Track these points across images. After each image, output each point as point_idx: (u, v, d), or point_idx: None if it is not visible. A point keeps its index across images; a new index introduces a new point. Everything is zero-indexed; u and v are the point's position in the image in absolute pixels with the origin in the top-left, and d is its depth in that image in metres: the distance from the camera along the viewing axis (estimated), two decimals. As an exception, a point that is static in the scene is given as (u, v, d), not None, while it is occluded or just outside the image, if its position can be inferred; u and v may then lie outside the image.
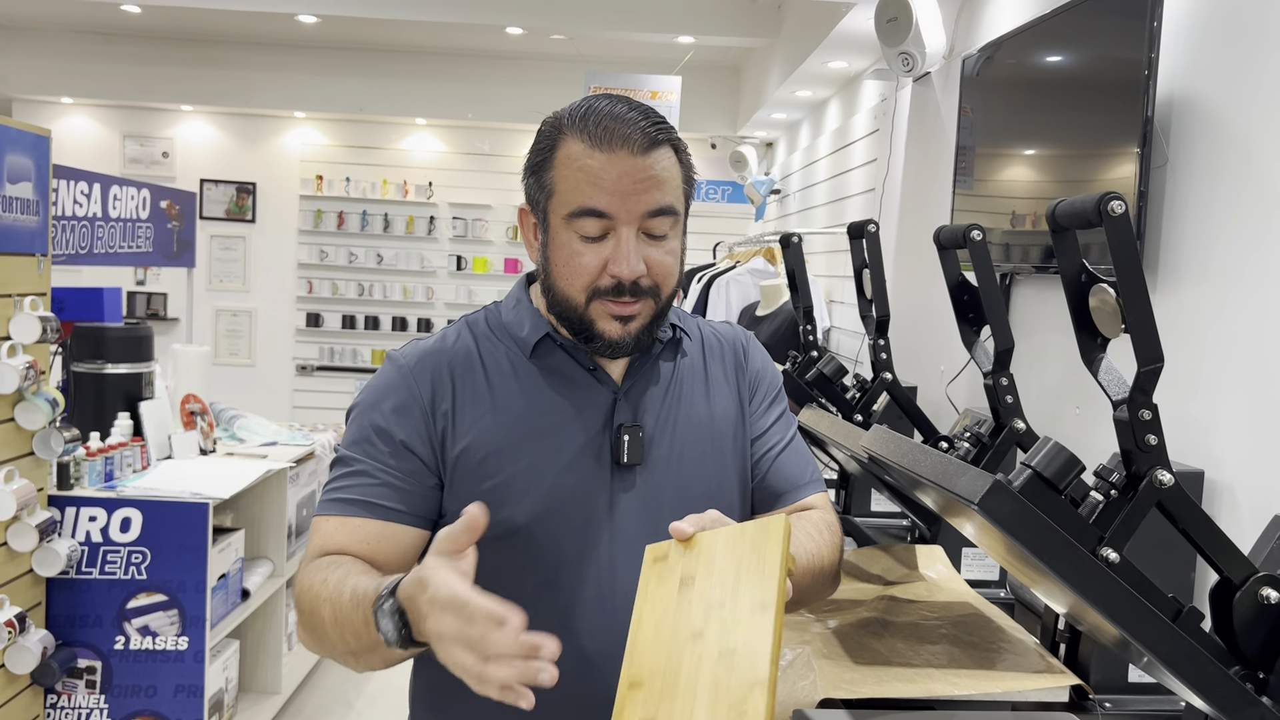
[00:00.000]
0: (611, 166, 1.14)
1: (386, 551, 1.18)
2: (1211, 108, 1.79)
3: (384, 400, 1.22)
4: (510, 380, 1.24)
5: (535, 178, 1.21)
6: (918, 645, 1.66)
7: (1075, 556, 1.03)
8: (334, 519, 1.18)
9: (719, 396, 1.34)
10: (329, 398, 7.95)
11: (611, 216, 1.16)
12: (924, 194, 3.34)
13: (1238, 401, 1.68)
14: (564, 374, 1.25)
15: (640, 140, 1.15)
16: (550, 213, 1.19)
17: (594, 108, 1.18)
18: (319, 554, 1.17)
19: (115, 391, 3.44)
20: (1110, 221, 1.12)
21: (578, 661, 1.19)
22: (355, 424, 1.23)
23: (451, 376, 1.23)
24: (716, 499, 1.27)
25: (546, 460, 1.20)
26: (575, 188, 1.15)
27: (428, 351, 1.25)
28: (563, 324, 1.24)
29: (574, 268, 1.18)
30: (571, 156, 1.16)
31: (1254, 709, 1.11)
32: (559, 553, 1.21)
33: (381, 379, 1.26)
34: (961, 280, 1.75)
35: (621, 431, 1.22)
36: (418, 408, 1.21)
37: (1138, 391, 1.17)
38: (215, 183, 7.97)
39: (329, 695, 4.21)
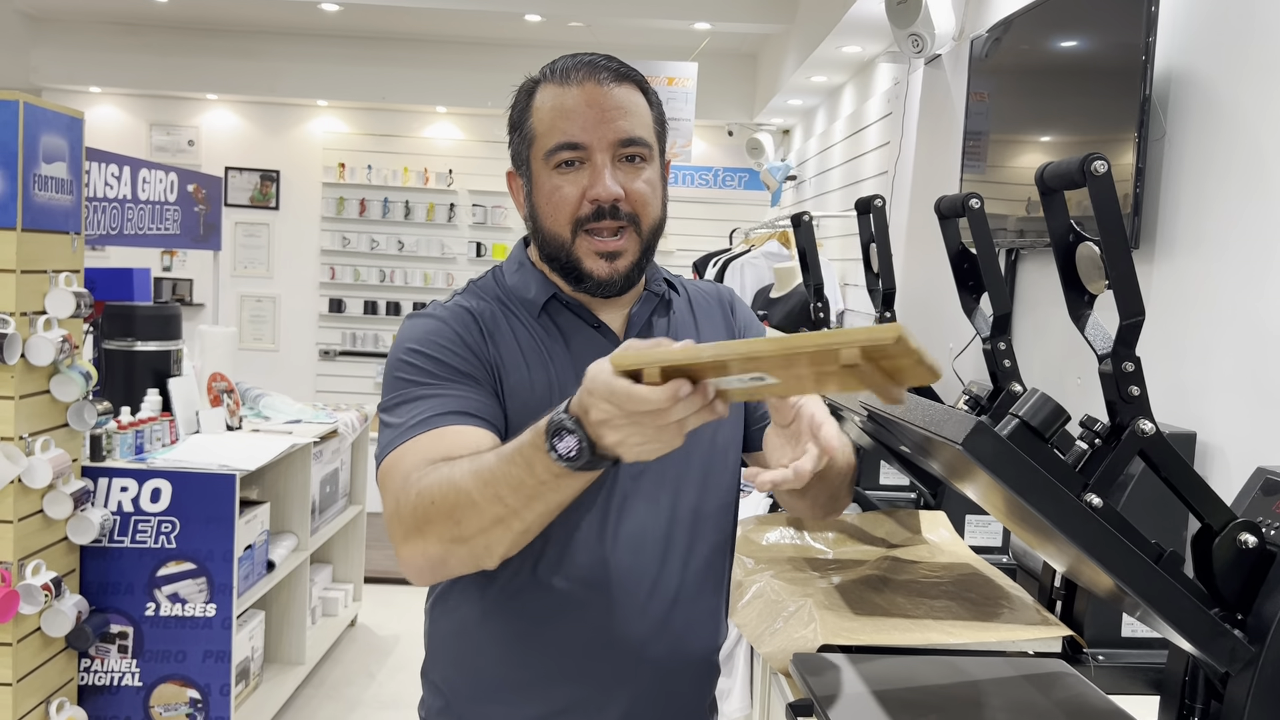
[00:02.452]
0: (580, 98, 1.22)
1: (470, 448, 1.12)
2: (1206, 82, 1.84)
3: (446, 333, 1.23)
4: (528, 341, 1.27)
5: (517, 132, 1.27)
6: (917, 599, 1.72)
7: (1057, 495, 1.09)
8: (422, 437, 1.13)
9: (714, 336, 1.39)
10: (351, 382, 8.06)
11: (585, 146, 1.22)
12: (934, 177, 3.39)
13: (1228, 365, 1.73)
14: (571, 331, 1.29)
15: (606, 76, 1.23)
16: (532, 160, 1.25)
17: (563, 59, 1.26)
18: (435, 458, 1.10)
19: (145, 368, 3.54)
20: (1093, 181, 1.18)
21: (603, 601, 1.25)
22: (418, 361, 1.21)
23: (486, 335, 1.26)
24: (715, 446, 1.34)
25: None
26: (551, 126, 1.22)
27: (458, 308, 1.27)
28: (555, 269, 1.28)
29: (555, 202, 1.23)
30: (545, 100, 1.24)
31: (1225, 639, 1.17)
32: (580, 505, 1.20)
33: (421, 328, 1.25)
34: (962, 249, 1.81)
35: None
36: (472, 342, 1.23)
37: (1120, 344, 1.23)
38: (240, 170, 8.08)
39: (351, 667, 4.31)
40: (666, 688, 1.31)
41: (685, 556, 1.31)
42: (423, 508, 1.07)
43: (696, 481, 1.32)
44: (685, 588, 1.31)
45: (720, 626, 1.40)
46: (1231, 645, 1.17)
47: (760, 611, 1.71)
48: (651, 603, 1.28)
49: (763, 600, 1.73)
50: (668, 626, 1.29)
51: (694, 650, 1.34)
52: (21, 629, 2.81)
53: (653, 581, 1.28)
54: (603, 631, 1.26)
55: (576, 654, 1.27)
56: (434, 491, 1.06)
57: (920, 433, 1.20)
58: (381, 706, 3.94)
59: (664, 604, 1.29)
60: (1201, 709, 1.28)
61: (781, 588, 1.76)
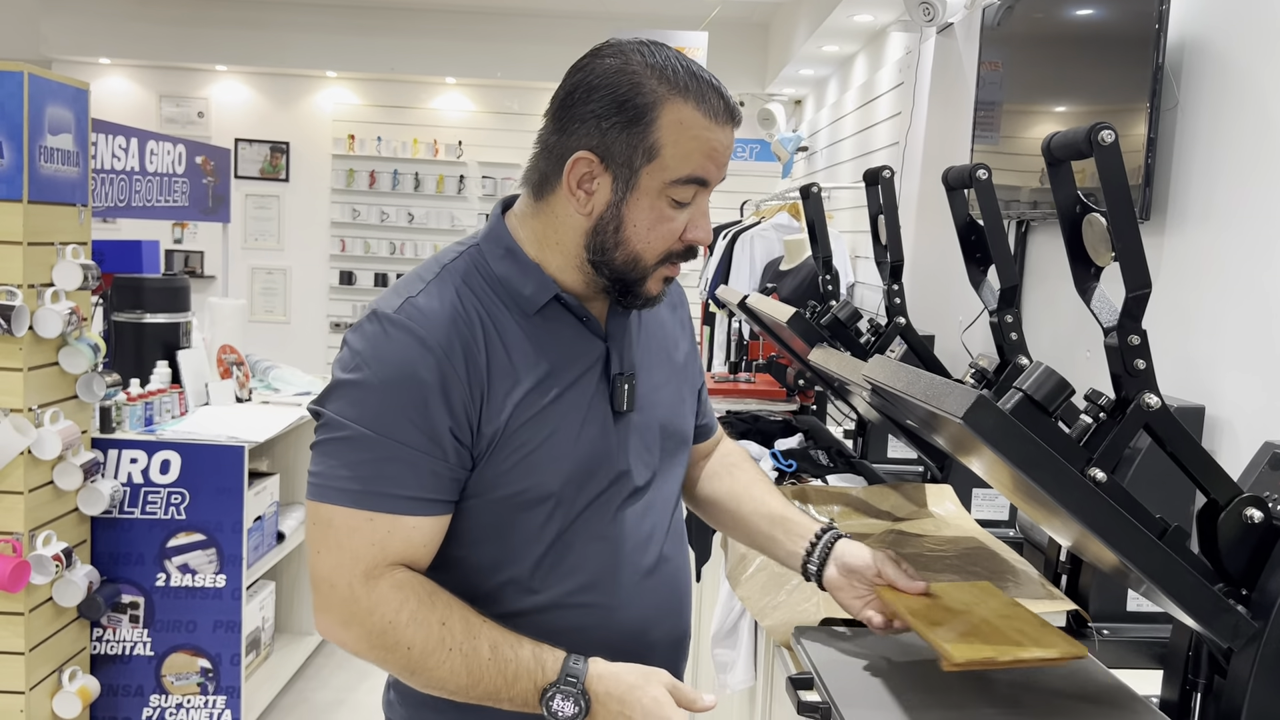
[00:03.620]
0: (724, 141, 1.16)
1: (429, 545, 1.15)
2: (1220, 52, 1.81)
3: (405, 373, 1.11)
4: (523, 345, 1.18)
5: (628, 134, 1.13)
6: (921, 573, 1.71)
7: (1059, 470, 1.08)
8: (384, 517, 1.10)
9: (676, 336, 1.39)
10: (362, 355, 8.08)
11: (709, 186, 1.18)
12: (946, 147, 3.35)
13: (1238, 339, 1.71)
14: (564, 326, 1.22)
15: (735, 118, 1.18)
16: (644, 174, 1.14)
17: (689, 70, 1.15)
18: (377, 565, 1.10)
19: (154, 340, 3.55)
20: (1100, 151, 1.16)
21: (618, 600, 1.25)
22: (372, 398, 1.11)
23: (470, 343, 1.14)
24: (685, 434, 1.37)
25: (567, 422, 1.19)
26: (688, 156, 1.14)
27: (439, 317, 1.14)
28: (602, 275, 1.19)
29: (661, 232, 1.17)
30: (685, 123, 1.13)
31: (1228, 616, 1.16)
32: (586, 506, 1.21)
33: (394, 350, 1.12)
34: (969, 221, 1.79)
35: (619, 381, 1.23)
36: (443, 381, 1.12)
37: (1126, 317, 1.21)
38: (250, 142, 8.07)
39: (362, 638, 4.35)
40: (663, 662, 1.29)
41: (670, 538, 1.33)
42: (394, 642, 1.09)
43: (675, 461, 1.35)
44: (671, 568, 1.33)
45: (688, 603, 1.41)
46: (1235, 621, 1.16)
47: (763, 585, 1.70)
48: (647, 585, 1.28)
49: (766, 573, 1.73)
50: (662, 606, 1.30)
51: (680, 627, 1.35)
52: (33, 599, 2.83)
53: (648, 570, 1.28)
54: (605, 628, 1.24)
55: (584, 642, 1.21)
56: (416, 643, 1.09)
57: (923, 407, 1.19)
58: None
59: (659, 585, 1.30)
60: (1205, 684, 1.27)
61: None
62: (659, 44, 1.17)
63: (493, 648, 1.10)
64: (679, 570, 1.35)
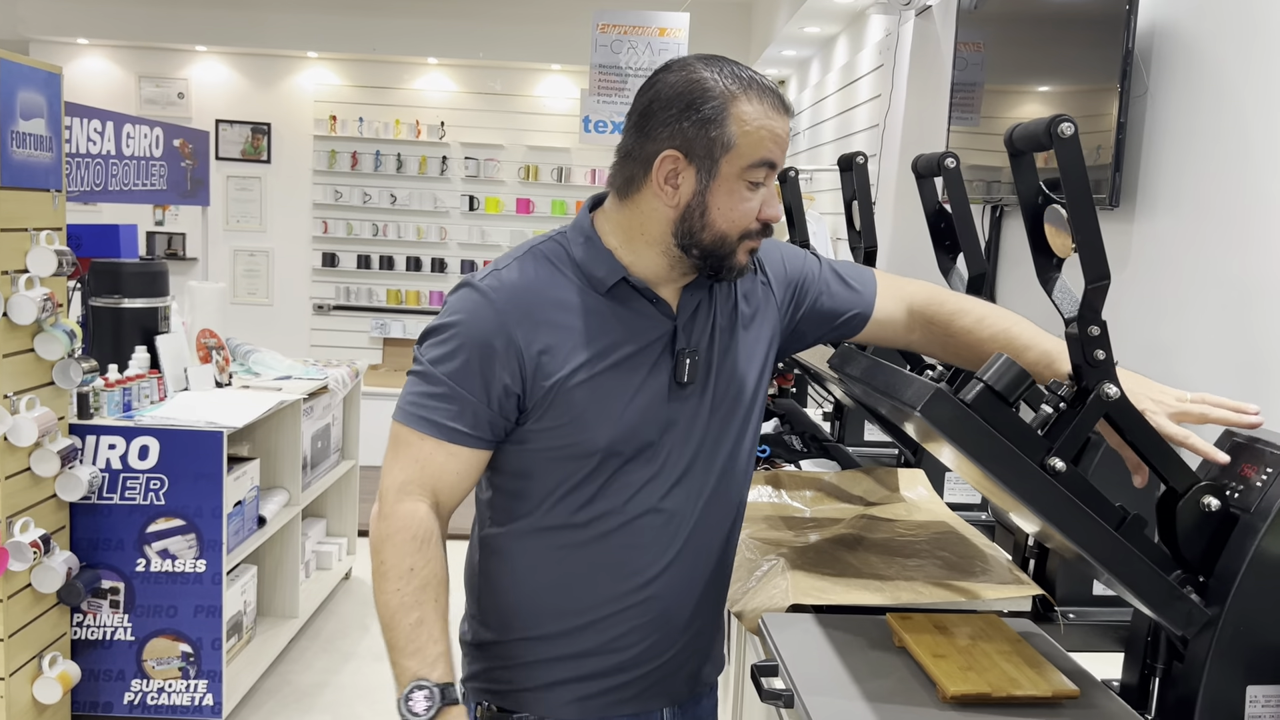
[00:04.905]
0: (784, 128, 1.35)
1: (462, 473, 1.37)
2: (1190, 38, 1.81)
3: (477, 333, 1.33)
4: (589, 316, 1.36)
5: (705, 129, 1.31)
6: (890, 559, 1.74)
7: (1015, 461, 1.10)
8: (430, 440, 1.34)
9: (753, 313, 1.50)
10: (345, 336, 8.06)
11: (776, 167, 1.35)
12: (924, 130, 3.35)
13: (1204, 326, 1.72)
14: (633, 308, 1.39)
15: (789, 110, 1.38)
16: (723, 163, 1.32)
17: (749, 76, 1.34)
18: (414, 481, 1.34)
19: (132, 326, 3.53)
20: (1060, 143, 1.16)
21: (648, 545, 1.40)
22: (448, 347, 1.34)
23: (539, 314, 1.35)
24: (751, 403, 1.48)
25: (621, 387, 1.36)
26: (759, 143, 1.32)
27: (516, 288, 1.36)
28: (696, 257, 1.36)
29: (742, 212, 1.34)
30: (752, 116, 1.31)
31: (1182, 603, 1.17)
32: (631, 460, 1.38)
33: (473, 311, 1.35)
34: (939, 208, 1.80)
35: (682, 356, 1.39)
36: (513, 347, 1.33)
37: (1086, 308, 1.22)
38: (230, 123, 8.01)
39: (345, 620, 4.36)
40: (693, 626, 1.46)
41: (720, 499, 1.45)
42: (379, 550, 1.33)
43: (735, 433, 1.46)
44: (716, 533, 1.46)
45: (731, 568, 1.55)
46: (1188, 609, 1.18)
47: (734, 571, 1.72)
48: (688, 546, 1.42)
49: (737, 559, 1.74)
50: (699, 567, 1.44)
51: (714, 589, 1.48)
52: (12, 585, 2.83)
53: (691, 527, 1.42)
54: (641, 573, 1.40)
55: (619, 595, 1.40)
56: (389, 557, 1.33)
57: (884, 399, 1.20)
58: (375, 658, 3.98)
59: (698, 547, 1.43)
60: (1163, 669, 1.29)
61: (755, 546, 1.77)
62: (715, 56, 1.37)
63: (420, 621, 1.30)
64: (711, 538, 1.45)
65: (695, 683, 1.50)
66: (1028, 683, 1.22)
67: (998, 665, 1.27)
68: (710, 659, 1.53)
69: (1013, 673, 1.25)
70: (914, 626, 1.38)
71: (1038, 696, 1.21)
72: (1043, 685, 1.22)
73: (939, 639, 1.34)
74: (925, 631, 1.36)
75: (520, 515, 1.42)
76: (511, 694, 1.45)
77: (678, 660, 1.45)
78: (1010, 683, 1.22)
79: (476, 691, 1.48)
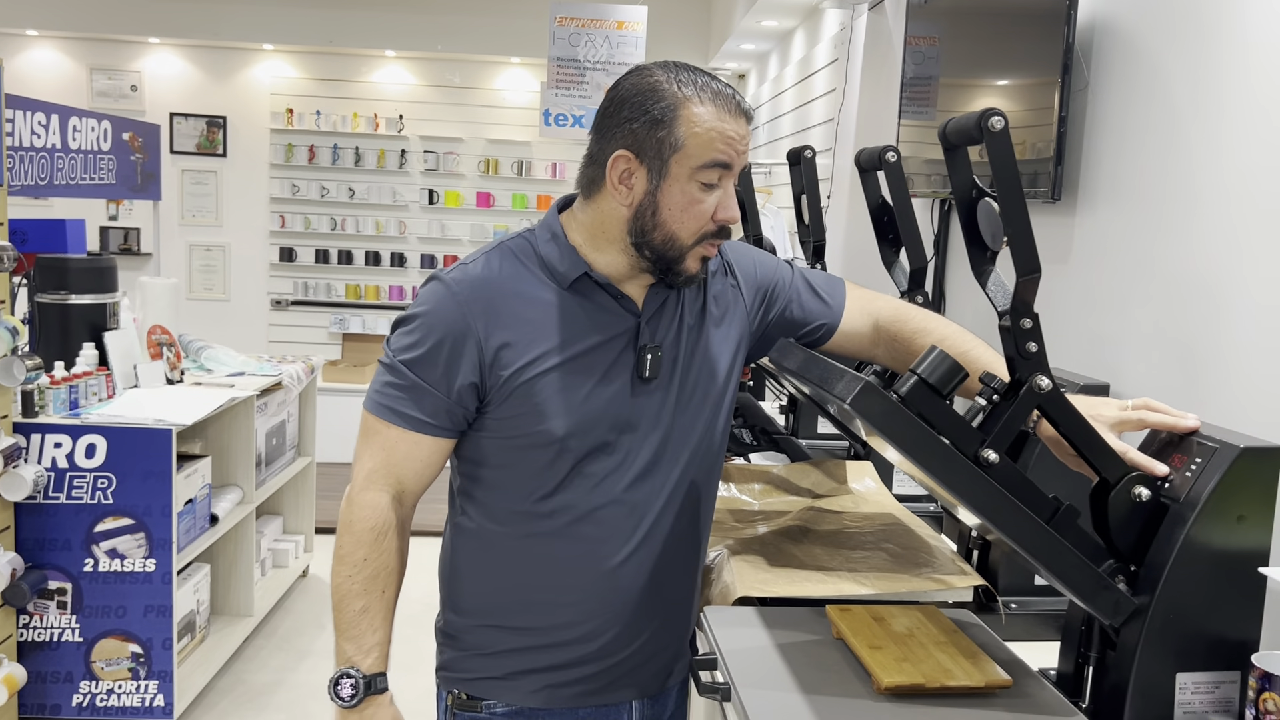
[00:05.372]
0: (738, 131, 1.37)
1: (426, 460, 1.42)
2: (1128, 33, 1.83)
3: (440, 324, 1.38)
4: (551, 310, 1.40)
5: (654, 130, 1.35)
6: (835, 551, 1.74)
7: (945, 453, 1.10)
8: (395, 429, 1.40)
9: (722, 314, 1.53)
10: (304, 331, 7.98)
11: (731, 169, 1.37)
12: (878, 124, 3.37)
13: (1142, 318, 1.74)
14: (596, 303, 1.43)
15: (748, 113, 1.40)
16: (673, 164, 1.35)
17: (705, 81, 1.37)
18: (381, 469, 1.41)
19: (80, 322, 3.47)
20: (990, 137, 1.17)
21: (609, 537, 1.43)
22: (412, 338, 1.39)
23: (501, 306, 1.39)
24: (718, 403, 1.51)
25: (581, 380, 1.39)
26: (708, 145, 1.34)
27: (479, 280, 1.40)
28: (649, 257, 1.39)
29: (694, 213, 1.37)
30: (702, 118, 1.34)
31: (1109, 594, 1.19)
32: (591, 452, 1.41)
33: (437, 303, 1.40)
34: (882, 202, 1.81)
35: (645, 351, 1.42)
36: (472, 338, 1.37)
37: (1018, 300, 1.23)
38: (185, 116, 7.89)
39: (302, 618, 4.32)
40: (658, 617, 1.48)
41: (684, 495, 1.48)
42: (341, 533, 1.40)
43: (702, 430, 1.49)
44: (683, 527, 1.48)
45: (702, 561, 1.58)
46: (1115, 599, 1.19)
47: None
48: (651, 538, 1.45)
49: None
50: (663, 560, 1.47)
51: (680, 583, 1.51)
52: (-46, 587, 2.78)
53: (654, 519, 1.45)
54: (603, 563, 1.43)
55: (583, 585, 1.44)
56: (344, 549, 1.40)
57: (818, 392, 1.20)
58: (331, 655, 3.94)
59: (662, 540, 1.46)
60: (1096, 658, 1.31)
61: (702, 541, 1.77)
62: (678, 62, 1.40)
63: (364, 609, 1.39)
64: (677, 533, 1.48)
65: (666, 675, 1.53)
66: (961, 673, 1.23)
67: (933, 656, 1.28)
68: (681, 652, 1.55)
69: (947, 663, 1.26)
70: (852, 618, 1.38)
71: (971, 687, 1.22)
72: (976, 675, 1.23)
73: (876, 630, 1.35)
74: (863, 623, 1.37)
75: (486, 504, 1.46)
76: (480, 682, 1.48)
77: (646, 652, 1.48)
78: (944, 673, 1.23)
79: (448, 680, 1.52)
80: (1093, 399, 1.38)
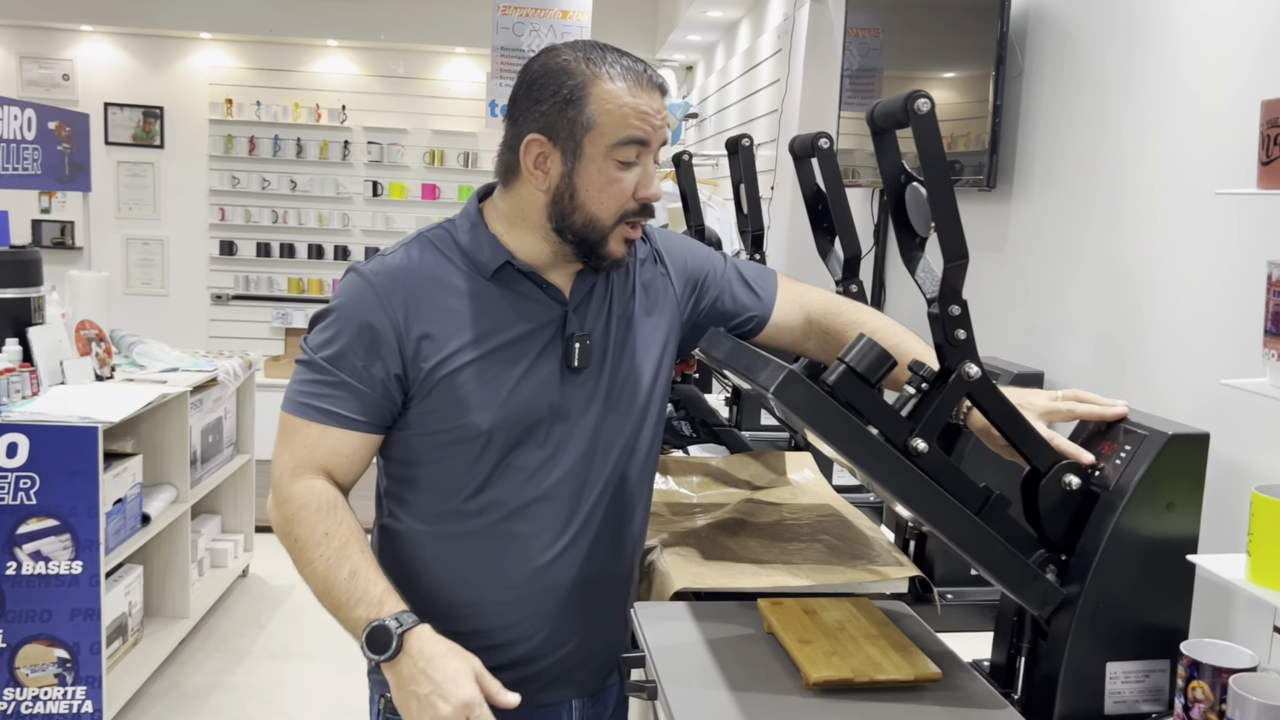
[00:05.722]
0: (651, 105, 1.33)
1: (352, 457, 1.36)
2: (1060, 20, 1.83)
3: (358, 317, 1.34)
4: (474, 300, 1.36)
5: (565, 111, 1.31)
6: (771, 543, 1.72)
7: (869, 443, 1.08)
8: (315, 426, 1.34)
9: (652, 302, 1.49)
10: (246, 326, 7.83)
11: (648, 145, 1.33)
12: (820, 115, 3.36)
13: (1076, 306, 1.74)
14: (521, 292, 1.39)
15: (661, 87, 1.37)
16: (587, 144, 1.31)
17: (614, 57, 1.33)
18: (306, 464, 1.34)
19: (3, 317, 3.36)
20: (917, 119, 1.15)
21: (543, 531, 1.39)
22: (329, 333, 1.35)
23: (421, 297, 1.35)
24: (649, 393, 1.47)
25: (507, 371, 1.36)
26: (621, 122, 1.31)
27: (398, 271, 1.36)
28: (569, 242, 1.36)
29: (612, 192, 1.33)
30: (613, 95, 1.31)
31: (1038, 584, 1.18)
32: (519, 444, 1.38)
33: (354, 296, 1.35)
34: (816, 190, 1.79)
35: (573, 340, 1.39)
36: (392, 329, 1.33)
37: (946, 287, 1.21)
38: (120, 107, 7.70)
39: (241, 619, 4.23)
40: (594, 614, 1.45)
41: (617, 487, 1.44)
42: (288, 531, 1.33)
43: (635, 421, 1.46)
44: (617, 522, 1.45)
45: (638, 555, 1.55)
46: (1044, 589, 1.18)
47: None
48: (584, 533, 1.42)
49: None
50: (597, 556, 1.44)
51: (615, 579, 1.48)
52: None
53: (587, 513, 1.42)
54: (535, 560, 1.39)
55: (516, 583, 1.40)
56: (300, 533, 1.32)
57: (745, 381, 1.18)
58: (270, 657, 3.87)
59: (596, 535, 1.43)
60: (1028, 647, 1.30)
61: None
62: (588, 41, 1.37)
63: (353, 572, 1.28)
64: (611, 527, 1.45)
65: (606, 673, 1.50)
66: (891, 667, 1.21)
67: (863, 650, 1.26)
68: (621, 649, 1.50)
69: (877, 657, 1.24)
70: (784, 612, 1.36)
71: (901, 680, 1.20)
72: (906, 669, 1.21)
73: (807, 624, 1.33)
74: (794, 617, 1.35)
75: (413, 504, 1.42)
76: None
77: (583, 650, 1.45)
78: (873, 667, 1.21)
79: (380, 683, 1.46)
80: (1023, 389, 1.37)
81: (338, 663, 3.63)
